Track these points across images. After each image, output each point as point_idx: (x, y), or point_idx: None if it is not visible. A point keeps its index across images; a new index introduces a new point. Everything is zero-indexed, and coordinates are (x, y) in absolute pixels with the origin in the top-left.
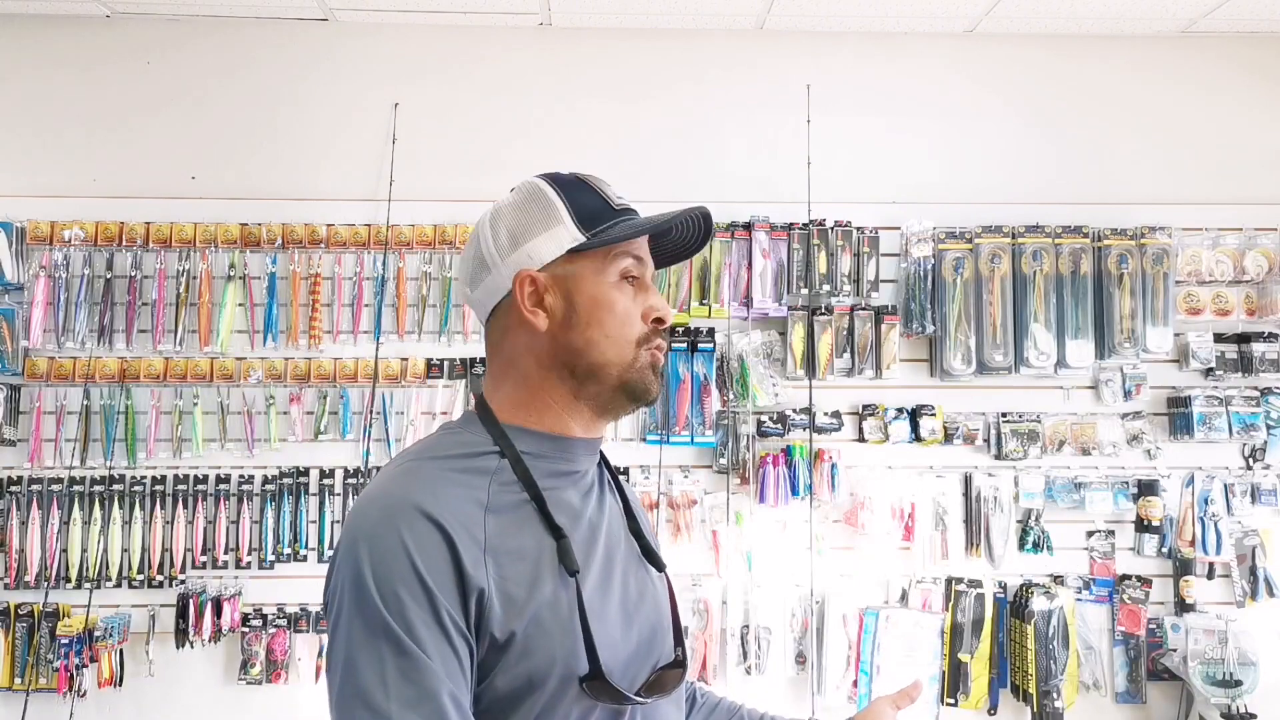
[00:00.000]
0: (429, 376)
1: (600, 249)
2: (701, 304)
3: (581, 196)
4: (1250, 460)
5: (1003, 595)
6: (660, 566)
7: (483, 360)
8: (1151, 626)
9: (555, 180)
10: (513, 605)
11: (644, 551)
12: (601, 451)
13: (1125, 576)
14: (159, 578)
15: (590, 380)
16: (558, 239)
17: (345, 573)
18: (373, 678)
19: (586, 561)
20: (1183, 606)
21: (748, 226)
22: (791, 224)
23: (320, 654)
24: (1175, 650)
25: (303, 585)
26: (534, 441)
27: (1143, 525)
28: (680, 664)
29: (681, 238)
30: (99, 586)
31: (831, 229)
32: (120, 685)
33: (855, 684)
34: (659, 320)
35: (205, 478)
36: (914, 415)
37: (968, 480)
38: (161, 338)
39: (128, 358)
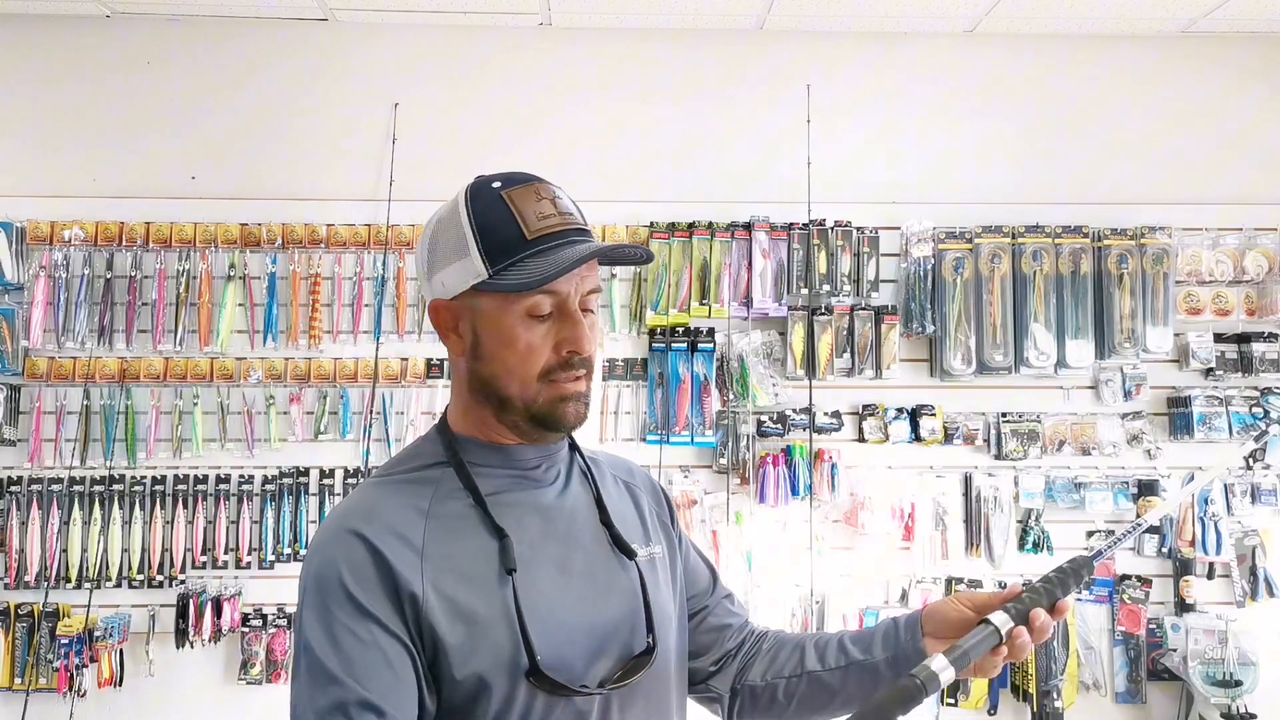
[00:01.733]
0: (429, 376)
1: (504, 285)
2: (701, 304)
3: (496, 223)
4: (1250, 460)
5: None
6: (631, 555)
7: None
8: (1151, 626)
9: (476, 198)
10: (453, 606)
11: (615, 541)
12: (575, 443)
13: (1125, 576)
14: (159, 578)
15: (502, 409)
16: (464, 273)
17: (303, 586)
18: (302, 685)
19: (536, 557)
20: (1183, 606)
21: (748, 226)
22: (791, 224)
23: None
24: (1175, 650)
25: None
26: (480, 451)
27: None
28: (649, 651)
29: (624, 254)
30: (99, 586)
31: (831, 229)
32: (120, 685)
33: None
34: (572, 352)
35: (205, 478)
36: (914, 415)
37: (968, 480)
38: (161, 338)
39: (128, 358)
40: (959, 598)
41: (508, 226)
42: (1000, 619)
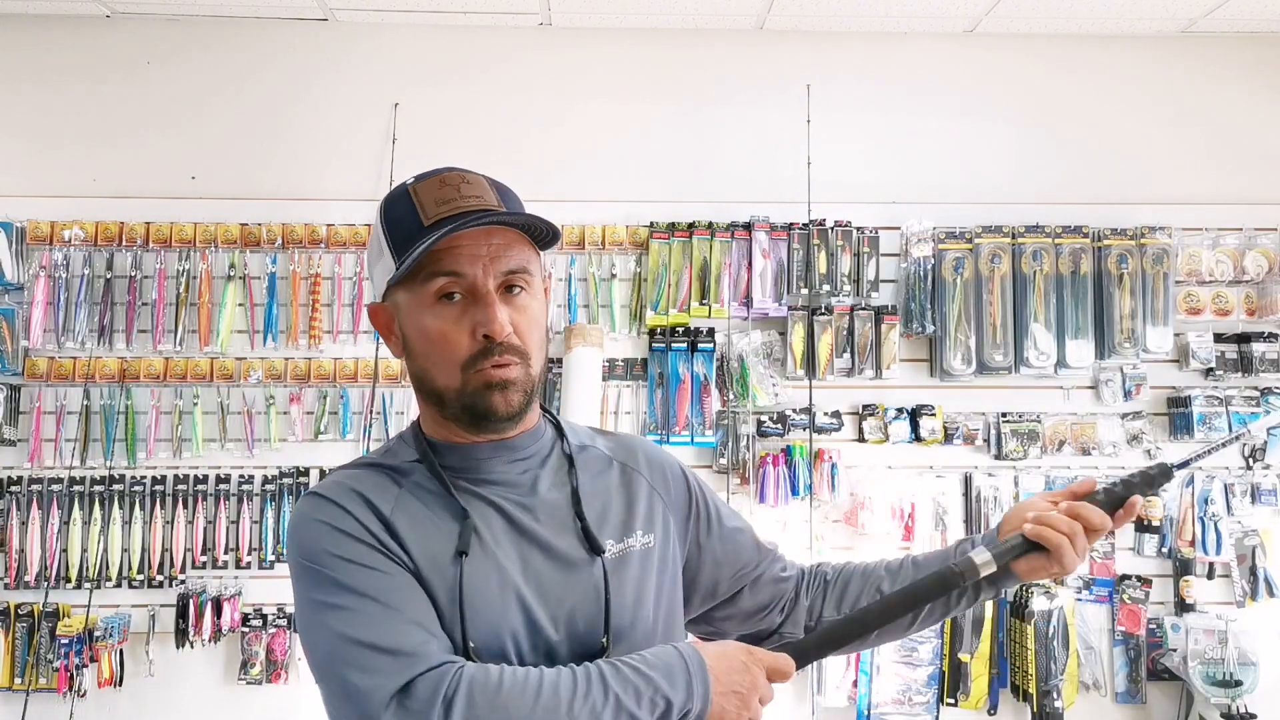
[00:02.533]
0: None
1: (412, 275)
2: (701, 304)
3: (400, 217)
4: (1250, 460)
5: (1003, 595)
6: (598, 551)
7: None
8: (1151, 626)
9: (391, 200)
10: (420, 573)
11: (584, 535)
12: (562, 431)
13: (1125, 576)
14: (159, 578)
15: (441, 404)
16: (384, 272)
17: (291, 573)
18: (343, 625)
19: (498, 550)
20: (1183, 606)
21: (748, 226)
22: (791, 224)
23: None
24: (1175, 650)
25: None
26: (450, 454)
27: (1143, 525)
28: (602, 652)
29: (539, 232)
30: (99, 586)
31: (831, 229)
32: (120, 685)
33: (855, 684)
34: (487, 336)
35: (205, 478)
36: (914, 415)
37: (968, 480)
38: (161, 338)
39: (128, 358)
40: (1044, 495)
41: (410, 218)
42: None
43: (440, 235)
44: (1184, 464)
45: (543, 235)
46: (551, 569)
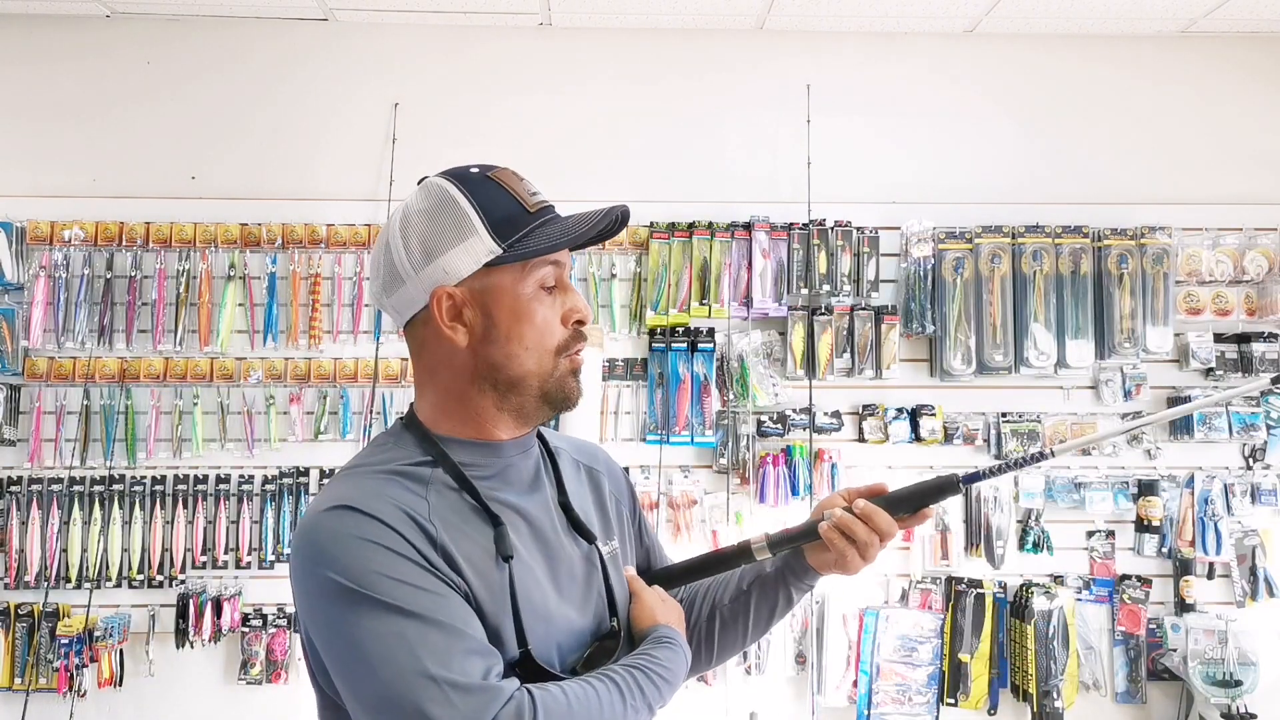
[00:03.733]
0: None
1: (514, 261)
2: (701, 304)
3: (494, 200)
4: (1250, 460)
5: (1003, 595)
6: (590, 539)
7: None
8: (1151, 626)
9: (464, 182)
10: (473, 589)
11: (574, 526)
12: (540, 431)
13: (1125, 576)
14: (159, 578)
15: (512, 392)
16: (473, 252)
17: (320, 591)
18: (407, 655)
19: (530, 552)
20: (1183, 606)
21: (748, 226)
22: (791, 224)
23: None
24: (1175, 650)
25: None
26: (466, 451)
27: (1143, 525)
28: (615, 635)
29: (599, 228)
30: (99, 586)
31: (831, 229)
32: (120, 685)
33: (855, 684)
34: (579, 322)
35: (205, 478)
36: (914, 415)
37: None
38: (161, 338)
39: (128, 358)
40: (849, 490)
41: (509, 203)
42: (830, 511)
43: (596, 225)
44: (972, 478)
45: None
46: (569, 561)
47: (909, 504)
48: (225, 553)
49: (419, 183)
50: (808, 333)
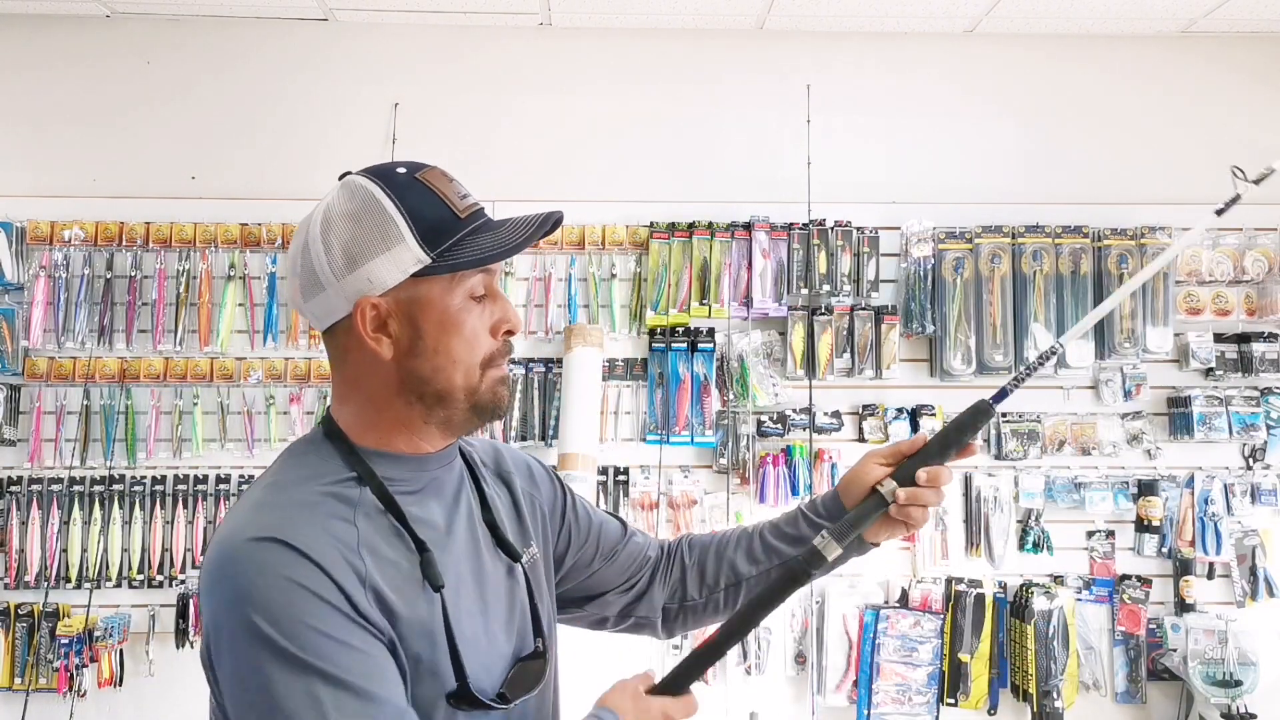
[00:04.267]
0: None
1: (443, 270)
2: (701, 304)
3: (423, 206)
4: (1250, 460)
5: (1003, 595)
6: (515, 557)
7: None
8: (1151, 626)
9: (391, 185)
10: (401, 637)
11: (499, 544)
12: (460, 445)
13: (1125, 576)
14: (159, 578)
15: (439, 405)
16: (400, 262)
17: (237, 630)
18: (316, 718)
19: (457, 575)
20: (1183, 606)
21: (748, 226)
22: (791, 224)
23: None
24: (1175, 650)
25: None
26: (390, 465)
27: (1143, 525)
28: (539, 655)
29: (533, 236)
30: (99, 586)
31: (831, 229)
32: (120, 685)
33: (855, 684)
34: (509, 332)
35: (205, 478)
36: (914, 415)
37: (968, 480)
38: (161, 338)
39: (128, 358)
40: (874, 454)
41: (439, 208)
42: (888, 485)
43: (533, 234)
44: (1000, 396)
45: None
46: (494, 580)
47: (955, 445)
48: None
49: (340, 179)
50: (808, 333)
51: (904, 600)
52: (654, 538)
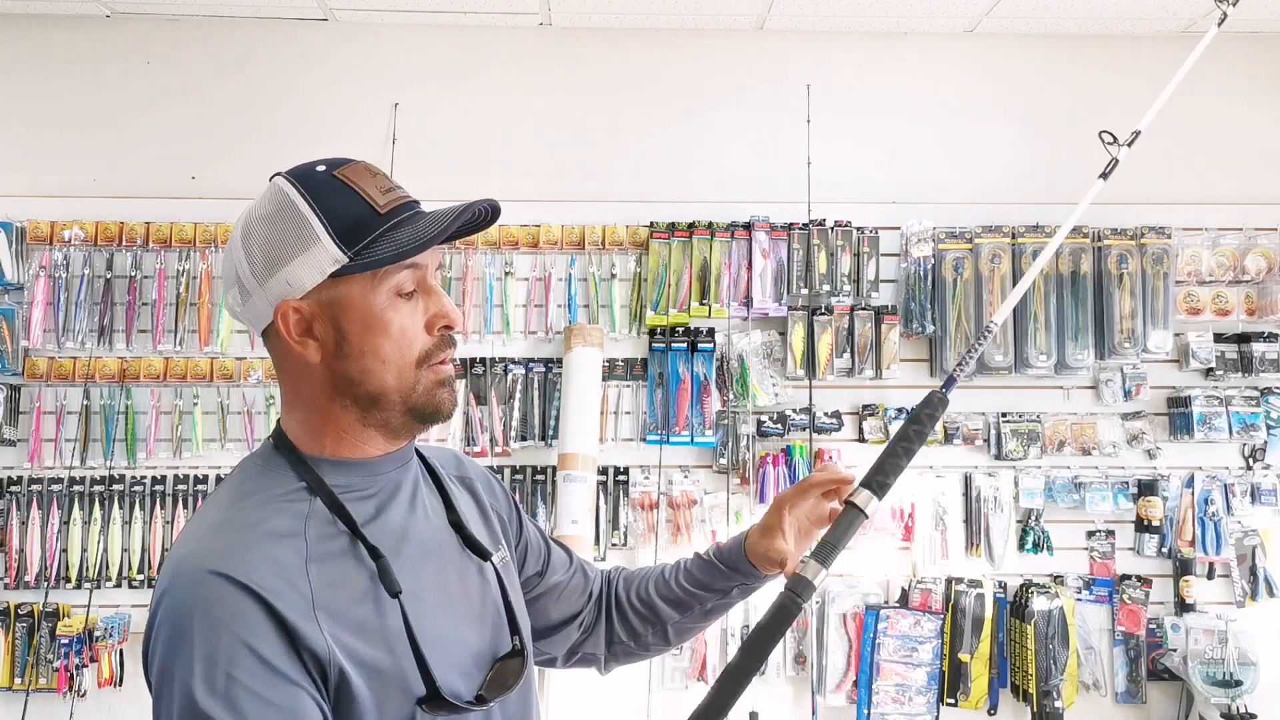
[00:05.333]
0: None
1: (364, 268)
2: (701, 304)
3: (339, 203)
4: (1250, 460)
5: (1003, 595)
6: (485, 556)
7: (482, 360)
8: (1151, 626)
9: (306, 184)
10: (355, 657)
11: (466, 543)
12: (416, 447)
13: (1125, 576)
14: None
15: (374, 408)
16: (317, 262)
17: (174, 652)
18: None
19: (418, 578)
20: (1183, 606)
21: (748, 226)
22: (791, 224)
23: None
24: (1175, 650)
25: None
26: (339, 472)
27: (1143, 525)
28: (519, 653)
29: (454, 226)
30: (99, 586)
31: (831, 229)
32: (120, 685)
33: (855, 684)
34: (447, 327)
35: (205, 478)
36: None
37: (968, 480)
38: (161, 338)
39: (128, 358)
40: (809, 488)
41: (356, 206)
42: (863, 495)
43: (449, 226)
44: (949, 384)
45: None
46: (464, 581)
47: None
48: None
49: (270, 180)
50: (808, 333)
51: (904, 600)
52: (597, 570)
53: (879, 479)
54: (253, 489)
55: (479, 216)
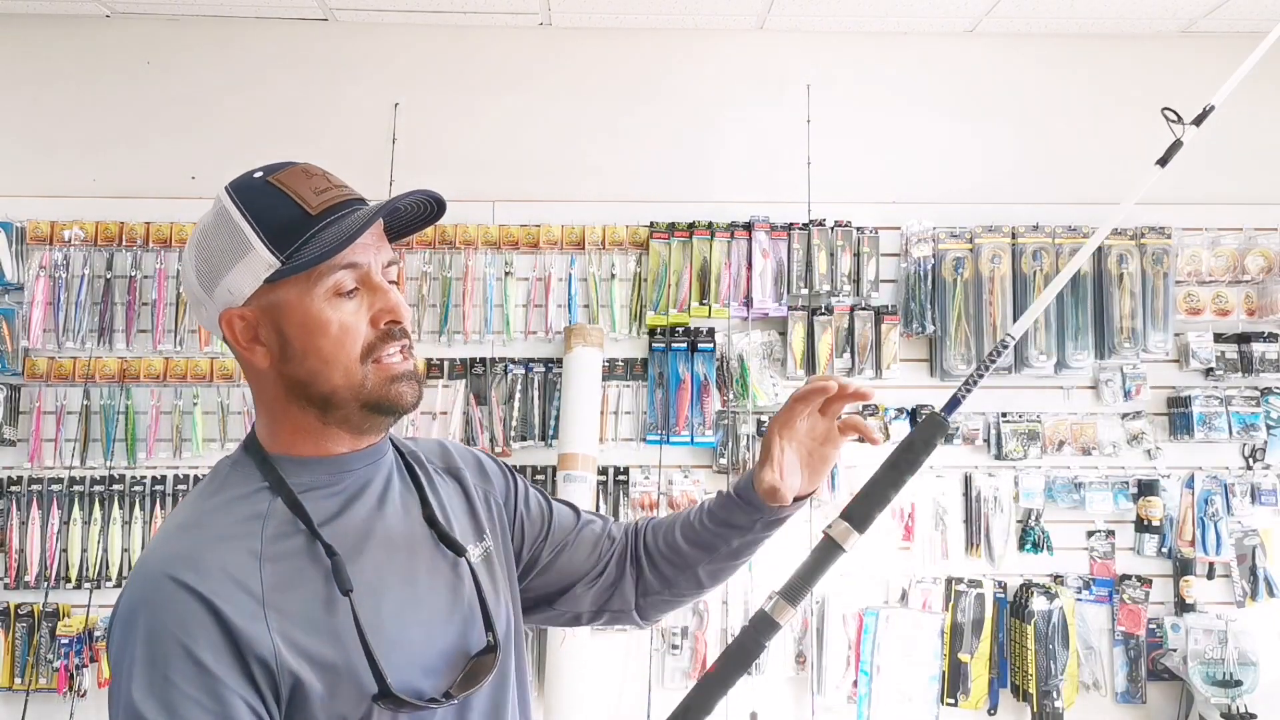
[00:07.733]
0: (429, 376)
1: (300, 270)
2: (701, 304)
3: (269, 208)
4: (1250, 460)
5: (1003, 595)
6: (459, 552)
7: (482, 360)
8: (1151, 626)
9: (240, 192)
10: (308, 656)
11: (442, 539)
12: (392, 439)
13: (1125, 576)
14: None
15: (329, 407)
16: (252, 269)
17: (122, 650)
18: None
19: (381, 576)
20: (1183, 606)
21: (748, 226)
22: (791, 224)
23: None
24: (1175, 650)
25: None
26: (304, 470)
27: (1143, 525)
28: (492, 649)
29: (415, 213)
30: (99, 586)
31: (831, 229)
32: None
33: (855, 684)
34: (393, 321)
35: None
36: (914, 415)
37: (968, 480)
38: (161, 338)
39: (128, 358)
40: (798, 403)
41: (286, 208)
42: (841, 530)
43: (369, 221)
44: (951, 406)
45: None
46: (434, 577)
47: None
48: None
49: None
50: (808, 333)
51: (904, 600)
52: (615, 522)
53: (862, 511)
54: (218, 489)
55: (423, 210)
